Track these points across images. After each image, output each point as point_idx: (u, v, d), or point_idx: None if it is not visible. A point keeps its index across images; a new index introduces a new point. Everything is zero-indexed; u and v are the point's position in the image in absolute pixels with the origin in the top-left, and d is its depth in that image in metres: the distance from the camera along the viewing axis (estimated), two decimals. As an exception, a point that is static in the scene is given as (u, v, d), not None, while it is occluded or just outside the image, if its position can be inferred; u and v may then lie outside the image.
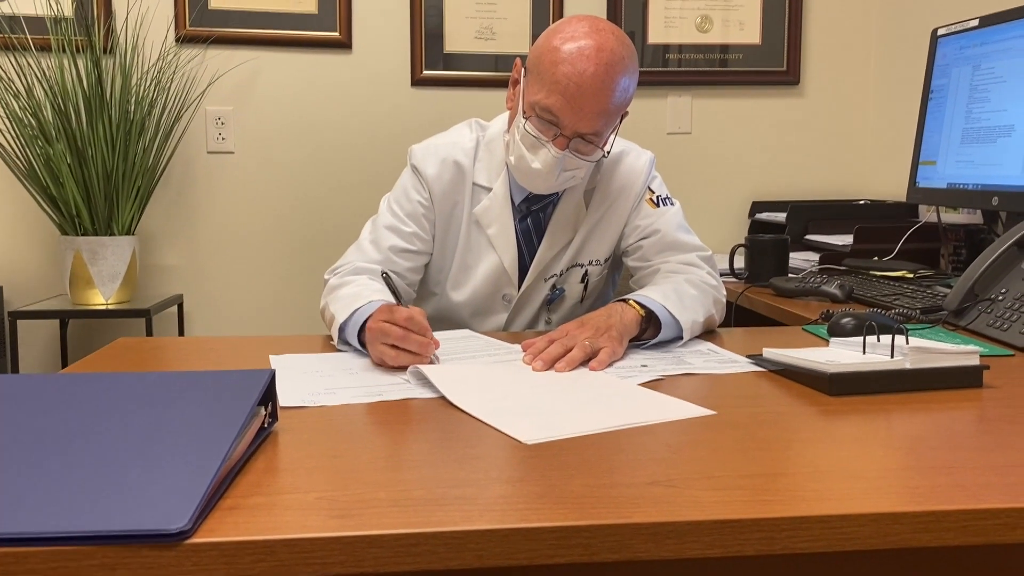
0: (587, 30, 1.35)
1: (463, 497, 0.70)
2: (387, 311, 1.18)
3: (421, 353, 1.15)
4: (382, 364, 1.17)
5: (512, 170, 1.47)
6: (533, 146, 1.39)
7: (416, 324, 1.15)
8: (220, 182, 2.51)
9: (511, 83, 1.48)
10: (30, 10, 2.33)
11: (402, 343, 1.14)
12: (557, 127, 1.37)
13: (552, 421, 0.91)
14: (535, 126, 1.38)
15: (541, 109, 1.36)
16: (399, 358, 1.14)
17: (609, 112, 1.37)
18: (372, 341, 1.18)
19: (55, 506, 0.63)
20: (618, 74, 1.34)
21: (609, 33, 1.36)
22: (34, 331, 2.44)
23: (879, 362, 1.04)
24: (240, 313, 2.55)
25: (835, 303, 1.66)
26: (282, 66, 2.50)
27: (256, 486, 0.72)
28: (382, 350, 1.16)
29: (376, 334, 1.17)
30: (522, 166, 1.42)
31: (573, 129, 1.36)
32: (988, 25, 1.80)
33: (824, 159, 2.74)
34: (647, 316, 1.30)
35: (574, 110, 1.34)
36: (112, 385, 0.87)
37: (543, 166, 1.39)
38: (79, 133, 2.22)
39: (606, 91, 1.34)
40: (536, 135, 1.38)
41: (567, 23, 1.38)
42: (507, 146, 1.47)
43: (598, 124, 1.37)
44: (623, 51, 1.36)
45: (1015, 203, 1.67)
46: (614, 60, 1.34)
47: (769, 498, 0.70)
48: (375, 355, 1.18)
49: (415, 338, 1.14)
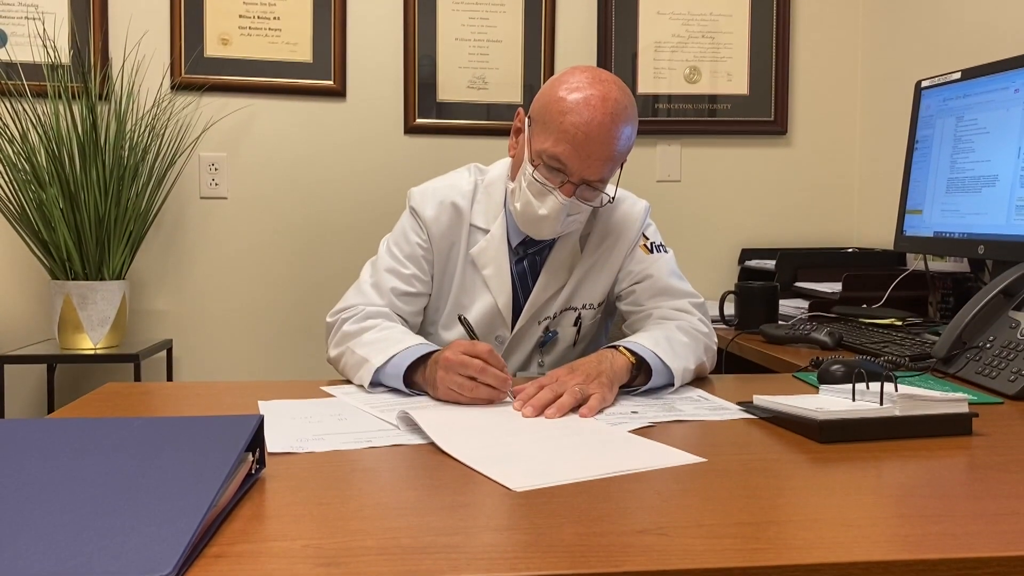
0: (591, 80, 1.40)
1: (451, 545, 0.69)
2: (467, 344, 1.22)
3: (499, 387, 1.19)
4: (452, 397, 1.20)
5: (516, 216, 1.49)
6: (540, 193, 1.42)
7: (496, 359, 1.20)
8: (212, 228, 2.52)
9: (513, 132, 1.52)
10: (27, 57, 2.35)
11: (481, 376, 1.18)
12: (564, 174, 1.40)
13: (542, 468, 0.91)
14: (543, 174, 1.41)
15: (549, 157, 1.39)
16: (477, 390, 1.18)
17: (614, 159, 1.41)
18: (447, 371, 1.20)
19: (38, 553, 0.62)
20: (622, 123, 1.39)
21: (612, 83, 1.41)
22: (21, 376, 2.42)
23: (868, 409, 1.04)
24: (230, 359, 2.53)
25: (825, 350, 1.67)
26: (276, 113, 2.53)
27: (242, 533, 0.71)
28: (460, 382, 1.19)
29: (455, 365, 1.20)
30: (528, 212, 1.44)
31: (580, 176, 1.40)
32: (970, 78, 1.83)
33: (812, 207, 2.77)
34: (638, 363, 1.30)
35: (582, 158, 1.38)
36: (98, 430, 0.86)
37: (549, 212, 1.42)
38: (72, 178, 2.22)
39: (612, 139, 1.38)
40: (543, 182, 1.41)
41: (571, 74, 1.42)
42: (511, 193, 1.50)
43: (604, 171, 1.41)
44: (626, 100, 1.41)
45: (1001, 251, 1.69)
46: (618, 109, 1.38)
47: (760, 546, 0.70)
48: (448, 384, 1.20)
49: (494, 372, 1.19)
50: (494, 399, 1.20)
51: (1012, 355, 1.30)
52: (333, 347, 1.45)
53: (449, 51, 2.57)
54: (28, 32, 2.37)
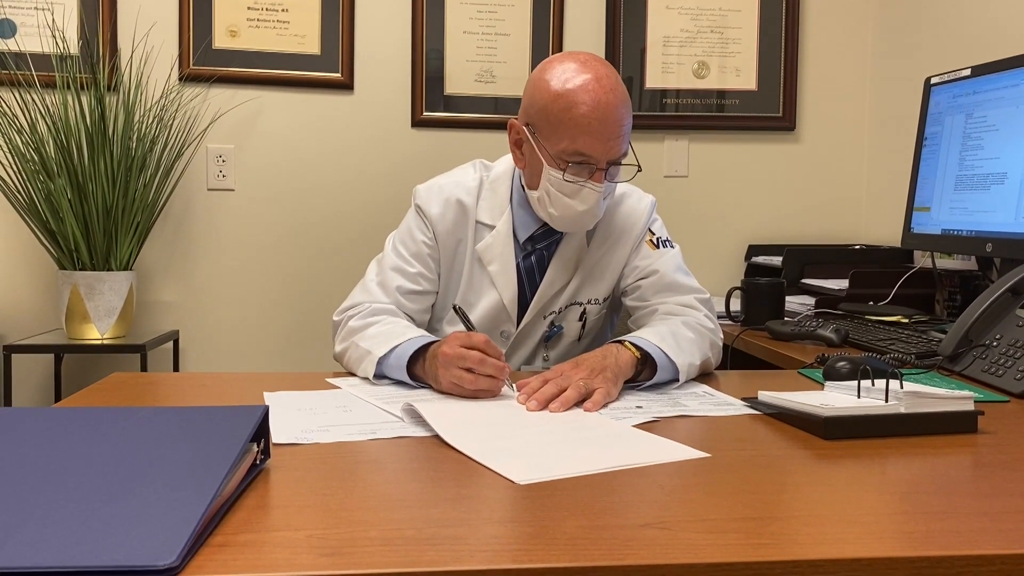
0: (577, 67, 1.40)
1: (455, 537, 0.69)
2: (463, 337, 1.22)
3: (497, 376, 1.19)
4: (456, 390, 1.20)
5: (555, 222, 1.49)
6: (574, 192, 1.42)
7: (493, 349, 1.20)
8: (219, 219, 2.52)
9: (514, 144, 1.50)
10: (36, 48, 2.36)
11: (479, 367, 1.18)
12: (591, 164, 1.40)
13: (545, 461, 0.91)
14: (573, 173, 1.41)
15: (572, 154, 1.40)
16: (477, 382, 1.19)
17: (628, 129, 1.43)
18: (447, 366, 1.20)
19: (43, 540, 0.62)
20: (621, 94, 1.41)
21: (595, 61, 1.42)
22: (28, 365, 2.44)
23: (874, 406, 1.04)
24: (236, 350, 2.54)
25: (831, 347, 1.66)
26: (284, 105, 2.53)
27: (246, 523, 0.72)
28: (459, 374, 1.19)
29: (453, 359, 1.20)
30: (567, 214, 1.45)
31: (606, 159, 1.41)
32: (980, 75, 1.83)
33: (820, 204, 2.76)
34: (643, 358, 1.30)
35: (603, 142, 1.39)
36: (104, 419, 0.86)
37: (589, 205, 1.43)
38: (80, 169, 2.23)
39: (621, 114, 1.40)
40: (575, 180, 1.41)
41: (551, 69, 1.42)
42: (538, 203, 1.48)
43: (624, 145, 1.43)
44: (612, 72, 1.42)
45: (1009, 249, 1.68)
46: (614, 83, 1.40)
47: (763, 541, 0.69)
48: (449, 379, 1.20)
49: (492, 362, 1.19)
50: (494, 389, 1.20)
51: (1019, 353, 1.29)
52: (339, 343, 1.46)
53: (457, 44, 2.57)
54: (37, 22, 2.37)
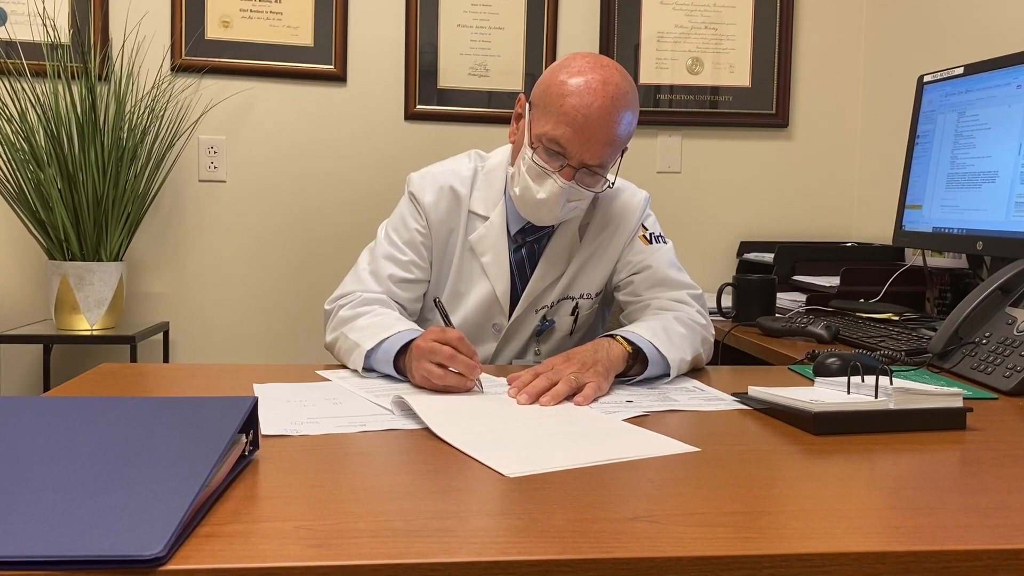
0: (592, 64, 1.39)
1: (443, 529, 0.69)
2: (438, 331, 1.21)
3: (467, 375, 1.18)
4: (426, 384, 1.20)
5: (516, 201, 1.48)
6: (539, 176, 1.41)
7: (465, 346, 1.19)
8: (211, 211, 2.51)
9: (514, 117, 1.51)
10: (27, 36, 2.34)
11: (450, 363, 1.18)
12: (564, 158, 1.39)
13: (535, 455, 0.91)
14: (542, 157, 1.40)
15: (548, 140, 1.39)
16: (446, 378, 1.18)
17: (614, 143, 1.40)
18: (419, 359, 1.20)
19: (29, 530, 0.62)
20: (623, 107, 1.38)
21: (613, 68, 1.40)
22: (17, 356, 2.42)
23: (863, 402, 1.04)
24: (226, 342, 2.53)
25: (821, 343, 1.67)
26: (276, 97, 2.52)
27: (234, 514, 0.71)
28: (429, 368, 1.18)
29: (425, 352, 1.19)
30: (527, 196, 1.44)
31: (580, 159, 1.39)
32: (973, 73, 1.83)
33: (812, 201, 2.76)
34: (634, 352, 1.30)
35: (581, 141, 1.37)
36: (91, 409, 0.86)
37: (548, 196, 1.41)
38: (71, 158, 2.22)
39: (612, 123, 1.37)
40: (543, 165, 1.40)
41: (572, 59, 1.42)
42: (511, 178, 1.49)
43: (604, 155, 1.40)
44: (627, 86, 1.40)
45: (999, 248, 1.69)
46: (619, 94, 1.38)
47: (751, 535, 0.70)
48: (420, 373, 1.20)
49: (463, 359, 1.18)
50: (463, 387, 1.19)
51: (1008, 351, 1.30)
52: (329, 332, 1.45)
53: (451, 38, 2.56)
54: (28, 11, 2.35)
